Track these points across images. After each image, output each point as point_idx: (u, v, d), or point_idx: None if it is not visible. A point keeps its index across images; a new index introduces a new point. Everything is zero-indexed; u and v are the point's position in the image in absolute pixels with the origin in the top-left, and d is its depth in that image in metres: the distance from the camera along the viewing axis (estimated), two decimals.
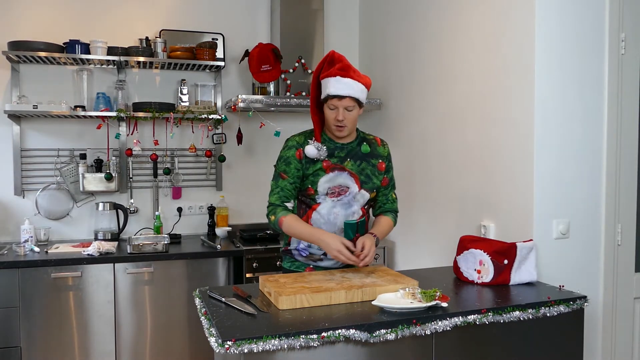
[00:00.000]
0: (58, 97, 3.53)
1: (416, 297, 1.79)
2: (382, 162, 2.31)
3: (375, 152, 2.32)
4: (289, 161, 2.21)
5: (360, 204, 2.25)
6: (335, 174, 2.21)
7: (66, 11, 3.60)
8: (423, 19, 3.17)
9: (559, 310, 1.88)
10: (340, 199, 2.22)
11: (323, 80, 2.16)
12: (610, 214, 2.40)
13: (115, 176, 3.54)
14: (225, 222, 3.80)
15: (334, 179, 2.21)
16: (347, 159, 2.24)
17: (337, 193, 2.21)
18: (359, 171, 2.25)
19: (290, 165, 2.20)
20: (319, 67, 2.20)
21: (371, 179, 2.27)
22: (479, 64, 2.64)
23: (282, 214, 2.17)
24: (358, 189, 2.23)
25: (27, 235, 3.30)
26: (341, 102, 2.11)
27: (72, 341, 3.07)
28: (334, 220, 2.22)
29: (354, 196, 2.23)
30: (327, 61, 2.17)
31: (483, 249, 2.15)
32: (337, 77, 2.11)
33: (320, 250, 2.23)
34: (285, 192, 2.21)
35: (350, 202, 2.23)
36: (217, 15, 3.87)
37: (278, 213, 2.18)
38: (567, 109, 2.32)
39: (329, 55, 2.19)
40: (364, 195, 2.25)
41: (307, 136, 2.25)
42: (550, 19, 2.28)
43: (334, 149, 2.24)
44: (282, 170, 2.22)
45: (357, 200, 2.25)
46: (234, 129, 3.73)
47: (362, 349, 1.64)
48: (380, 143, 2.36)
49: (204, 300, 1.91)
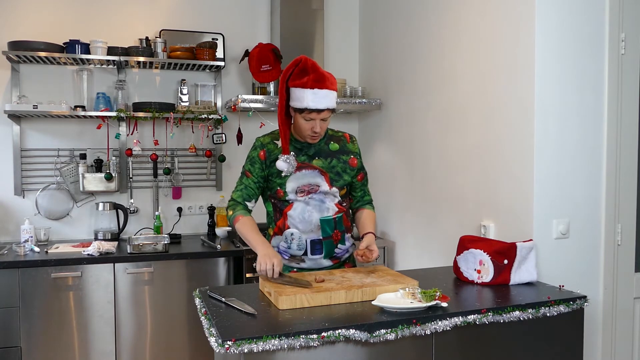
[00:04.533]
0: (58, 97, 3.53)
1: (416, 297, 1.79)
2: (353, 157, 2.31)
3: (345, 148, 2.30)
4: (254, 161, 2.24)
5: (332, 200, 2.25)
6: (304, 173, 2.21)
7: (66, 11, 3.60)
8: (423, 19, 3.17)
9: (559, 310, 1.88)
10: (312, 197, 2.21)
11: (295, 89, 2.08)
12: (610, 214, 2.40)
13: (115, 176, 3.54)
14: (225, 222, 3.80)
15: (302, 178, 2.20)
16: (315, 157, 2.24)
17: (307, 191, 2.21)
18: (328, 168, 2.24)
19: (255, 165, 2.23)
20: (287, 72, 2.09)
21: (342, 176, 2.26)
22: (479, 64, 2.64)
23: (240, 213, 2.19)
24: (329, 187, 2.23)
25: (27, 235, 3.30)
26: (319, 114, 2.09)
27: (72, 341, 3.07)
28: (309, 218, 2.21)
29: (325, 193, 2.23)
30: (300, 68, 2.07)
31: (483, 249, 2.15)
32: (314, 90, 2.05)
33: (299, 250, 2.24)
34: (249, 190, 2.24)
35: (322, 199, 2.23)
36: (217, 15, 3.87)
37: (237, 210, 2.20)
38: (567, 109, 2.32)
39: (299, 61, 2.08)
40: (335, 192, 2.25)
41: (273, 137, 2.26)
42: (550, 19, 2.28)
43: (302, 148, 2.24)
44: (247, 169, 2.26)
45: (329, 197, 2.24)
46: (234, 129, 3.73)
47: (362, 349, 1.64)
48: (349, 139, 2.34)
49: (204, 300, 1.91)
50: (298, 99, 2.08)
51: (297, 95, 2.08)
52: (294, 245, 2.23)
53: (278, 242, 2.28)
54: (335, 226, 2.24)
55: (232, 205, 2.24)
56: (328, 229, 2.22)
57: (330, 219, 2.22)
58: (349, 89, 3.78)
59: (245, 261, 3.29)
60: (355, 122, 4.20)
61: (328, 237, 2.23)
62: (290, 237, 2.23)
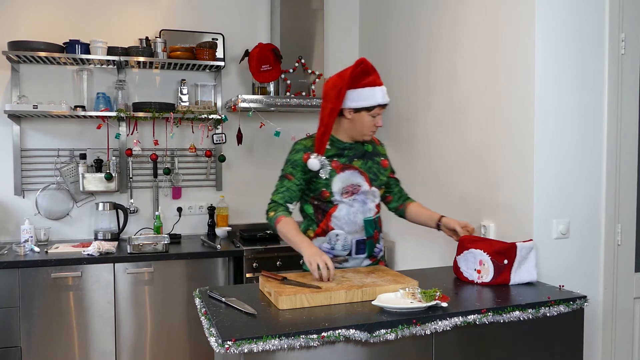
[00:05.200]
0: (58, 97, 3.53)
1: (416, 297, 1.79)
2: (384, 159, 2.40)
3: (376, 150, 2.40)
4: (296, 164, 2.24)
5: (373, 201, 2.32)
6: (347, 173, 2.26)
7: (66, 11, 3.60)
8: (423, 19, 3.17)
9: (559, 310, 1.88)
10: (355, 197, 2.26)
11: (363, 89, 2.19)
12: (610, 214, 2.40)
13: (115, 176, 3.54)
14: (225, 222, 3.80)
15: (347, 179, 2.25)
16: (355, 159, 2.30)
17: (351, 192, 2.26)
18: (367, 169, 2.31)
19: (297, 168, 2.24)
20: (349, 74, 2.17)
21: (378, 176, 2.34)
22: (479, 64, 2.64)
23: (282, 214, 2.18)
24: (369, 186, 2.29)
25: (27, 235, 3.30)
26: (382, 109, 2.24)
27: (72, 341, 3.07)
28: (354, 219, 2.26)
29: (365, 194, 2.28)
30: (363, 69, 2.18)
31: (483, 249, 2.15)
32: (382, 87, 2.22)
33: (344, 250, 2.28)
34: (290, 192, 2.24)
35: (364, 199, 2.29)
36: (217, 15, 3.87)
37: (279, 211, 2.20)
38: (567, 109, 2.32)
39: (361, 62, 2.20)
40: (374, 192, 2.32)
41: (314, 141, 2.27)
42: (550, 19, 2.27)
43: (343, 149, 2.29)
44: (288, 172, 2.26)
45: (370, 197, 2.30)
46: (234, 129, 3.73)
47: (362, 349, 1.64)
48: (378, 142, 2.45)
49: (204, 300, 1.91)
50: (368, 97, 2.19)
51: (366, 94, 2.19)
52: (339, 246, 2.27)
53: (320, 243, 2.29)
54: (375, 226, 2.31)
55: (273, 207, 2.23)
56: (370, 229, 2.29)
57: (372, 220, 2.30)
58: None
59: (245, 261, 3.29)
60: None
61: (370, 237, 2.30)
62: (335, 238, 2.26)
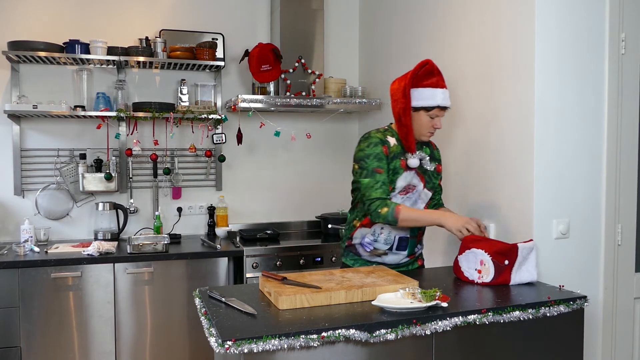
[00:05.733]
0: (58, 97, 3.53)
1: (416, 297, 1.79)
2: (438, 164, 2.45)
3: (433, 154, 2.45)
4: (380, 157, 2.25)
5: (424, 202, 2.36)
6: (410, 173, 2.31)
7: (66, 11, 3.60)
8: (423, 19, 3.17)
9: (559, 310, 1.88)
10: (409, 196, 2.31)
11: (424, 89, 2.22)
12: (610, 214, 2.40)
13: (115, 176, 3.54)
14: (225, 222, 3.80)
15: (409, 178, 2.30)
16: None
17: (406, 190, 2.31)
18: (424, 171, 2.37)
19: (383, 161, 2.25)
20: (414, 73, 2.22)
21: (432, 179, 2.40)
22: (479, 64, 2.64)
23: (395, 204, 2.20)
24: (423, 187, 2.34)
25: (27, 235, 3.30)
26: (442, 112, 2.27)
27: (72, 341, 3.07)
28: None
29: (419, 194, 2.34)
30: (427, 70, 2.23)
31: (484, 249, 2.15)
32: (444, 89, 2.24)
33: (385, 244, 2.31)
34: (386, 185, 2.25)
35: (416, 200, 2.33)
36: (217, 15, 3.87)
37: (390, 204, 2.19)
38: (567, 109, 2.32)
39: (426, 63, 2.24)
40: (427, 194, 2.37)
41: (384, 133, 2.32)
42: (550, 19, 2.28)
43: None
44: (376, 166, 2.24)
45: (422, 198, 2.35)
46: (234, 129, 3.73)
47: (362, 349, 1.64)
48: (435, 147, 2.49)
49: (204, 300, 1.91)
50: (428, 97, 2.22)
51: (426, 94, 2.22)
52: (381, 239, 2.31)
53: (364, 233, 2.33)
54: (420, 227, 2.34)
55: (381, 203, 2.20)
56: (416, 229, 2.33)
57: None
58: (349, 89, 3.78)
59: (245, 261, 3.29)
60: (355, 122, 4.20)
61: (414, 236, 2.34)
62: (379, 231, 2.31)
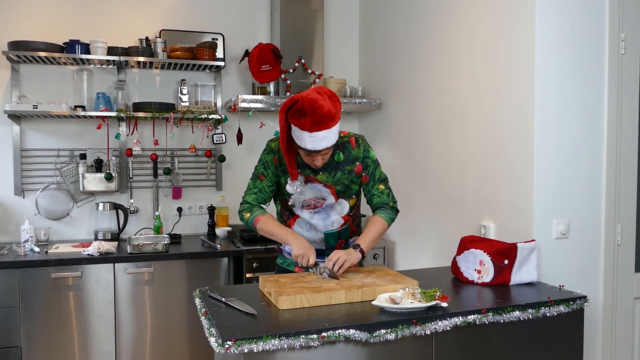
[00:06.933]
0: (58, 97, 3.53)
1: (416, 297, 1.79)
2: (359, 164, 2.21)
3: (350, 157, 2.20)
4: (267, 165, 2.22)
5: (340, 212, 2.24)
6: (310, 187, 2.19)
7: (66, 11, 3.60)
8: (423, 19, 3.17)
9: (559, 310, 1.88)
10: (317, 210, 2.21)
11: (294, 127, 1.98)
12: (610, 214, 2.40)
13: (115, 176, 3.54)
14: (225, 222, 3.80)
15: (308, 192, 2.19)
16: (320, 172, 2.18)
17: (313, 205, 2.21)
18: (334, 182, 2.19)
19: (269, 170, 2.22)
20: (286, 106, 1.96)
21: (349, 187, 2.22)
22: (479, 64, 2.64)
23: (258, 213, 2.19)
24: (335, 199, 2.21)
25: (27, 235, 3.29)
26: (319, 153, 2.03)
27: (72, 341, 3.07)
28: (312, 237, 2.24)
29: (331, 207, 2.22)
30: (297, 108, 1.93)
31: (483, 249, 2.15)
32: (312, 133, 1.94)
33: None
34: (263, 194, 2.23)
35: (328, 213, 2.22)
36: (217, 15, 3.87)
37: (255, 212, 2.20)
38: (567, 109, 2.32)
39: (296, 100, 1.93)
40: (342, 204, 2.23)
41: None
42: (550, 19, 2.27)
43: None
44: (260, 172, 2.23)
45: (336, 209, 2.23)
46: (234, 129, 3.73)
47: (362, 349, 1.64)
48: (355, 144, 2.22)
49: (204, 300, 1.91)
50: (297, 137, 2.00)
51: (296, 133, 2.00)
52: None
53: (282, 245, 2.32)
54: (339, 237, 2.24)
55: (248, 208, 2.22)
56: (332, 241, 2.24)
57: (335, 232, 2.23)
58: (349, 89, 3.78)
59: (245, 261, 3.29)
60: (355, 122, 4.20)
61: (331, 247, 2.23)
62: None
